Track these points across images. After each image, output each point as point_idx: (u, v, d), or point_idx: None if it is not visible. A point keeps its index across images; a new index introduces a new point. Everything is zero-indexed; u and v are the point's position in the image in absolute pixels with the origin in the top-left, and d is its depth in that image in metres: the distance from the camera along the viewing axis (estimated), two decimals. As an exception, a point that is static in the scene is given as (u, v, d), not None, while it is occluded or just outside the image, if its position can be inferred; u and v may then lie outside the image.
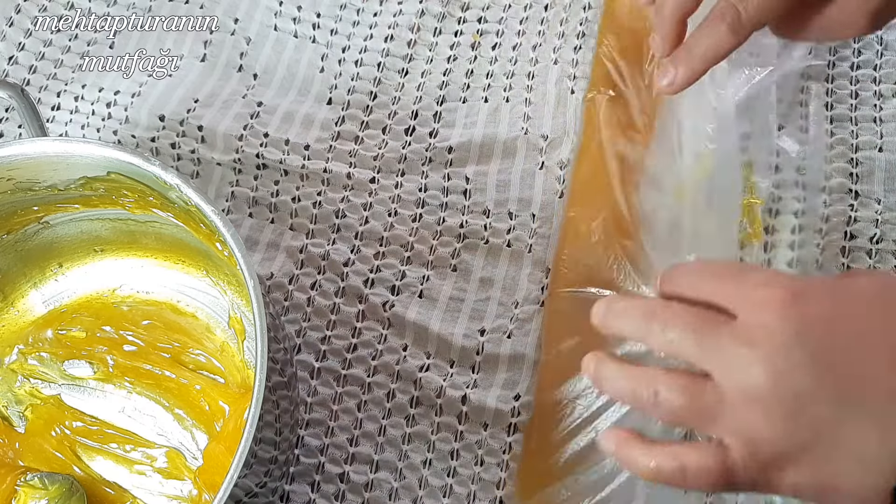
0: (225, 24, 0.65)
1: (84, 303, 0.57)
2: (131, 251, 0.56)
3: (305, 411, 0.54)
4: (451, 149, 0.60)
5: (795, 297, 0.36)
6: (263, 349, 0.41)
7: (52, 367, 0.55)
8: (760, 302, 0.36)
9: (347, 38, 0.64)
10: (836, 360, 0.35)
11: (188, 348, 0.55)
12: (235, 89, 0.63)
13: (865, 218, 0.56)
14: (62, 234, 0.55)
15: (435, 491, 0.52)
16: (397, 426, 0.54)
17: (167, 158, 0.61)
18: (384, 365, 0.55)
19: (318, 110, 0.62)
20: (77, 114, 0.64)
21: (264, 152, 0.61)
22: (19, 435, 0.55)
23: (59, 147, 0.47)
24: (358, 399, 0.55)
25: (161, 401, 0.54)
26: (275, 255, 0.58)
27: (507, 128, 0.60)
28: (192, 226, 0.50)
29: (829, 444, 0.35)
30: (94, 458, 0.54)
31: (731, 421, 0.36)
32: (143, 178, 0.47)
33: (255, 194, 0.60)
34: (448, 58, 0.63)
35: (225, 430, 0.52)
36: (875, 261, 0.55)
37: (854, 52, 0.60)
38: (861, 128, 0.58)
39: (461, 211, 0.58)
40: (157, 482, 0.53)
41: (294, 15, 0.65)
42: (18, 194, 0.50)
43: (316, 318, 0.56)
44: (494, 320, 0.55)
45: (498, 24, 0.64)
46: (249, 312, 0.42)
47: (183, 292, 0.56)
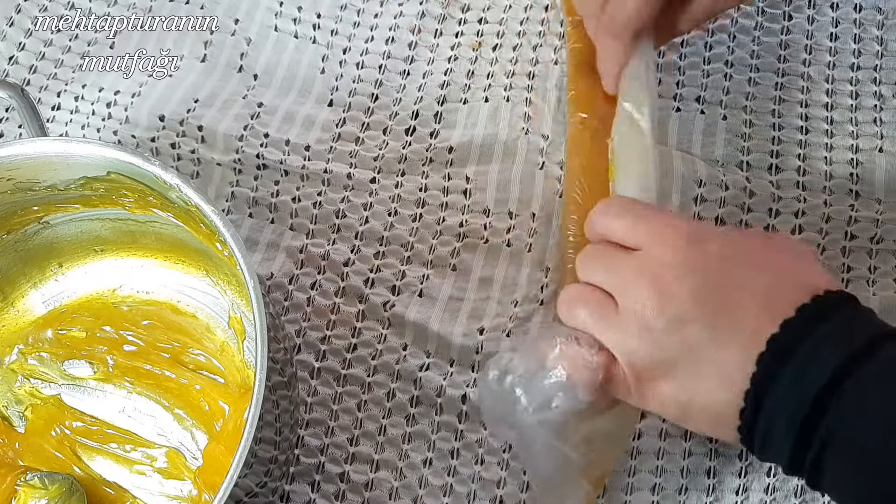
0: (225, 24, 0.65)
1: (84, 303, 0.57)
2: (131, 251, 0.56)
3: (305, 411, 0.54)
4: (451, 149, 0.60)
5: (694, 238, 0.42)
6: (263, 349, 0.41)
7: (52, 367, 0.55)
8: (664, 240, 0.42)
9: (348, 40, 0.64)
10: (717, 294, 0.41)
11: (188, 348, 0.55)
12: (236, 90, 0.63)
13: (866, 218, 0.56)
14: (62, 234, 0.55)
15: (435, 490, 0.52)
16: (397, 425, 0.54)
17: (167, 158, 0.61)
18: (384, 364, 0.55)
19: (319, 111, 0.62)
20: (77, 114, 0.64)
21: (264, 153, 0.61)
22: (19, 435, 0.55)
23: (59, 147, 0.47)
24: (358, 399, 0.55)
25: (161, 401, 0.54)
26: (275, 255, 0.58)
27: (507, 128, 0.60)
28: (192, 226, 0.50)
29: (695, 362, 0.41)
30: (94, 458, 0.54)
31: (619, 333, 0.42)
32: (143, 178, 0.47)
33: (255, 194, 0.60)
34: (449, 58, 0.63)
35: (225, 430, 0.52)
36: (875, 261, 0.55)
37: (854, 52, 0.60)
38: (861, 128, 0.58)
39: (461, 210, 0.58)
40: (157, 482, 0.53)
41: (294, 16, 0.65)
42: (18, 194, 0.50)
43: (316, 318, 0.56)
44: (494, 319, 0.55)
45: (498, 25, 0.64)
46: (249, 312, 0.42)
47: (183, 292, 0.56)
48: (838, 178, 0.57)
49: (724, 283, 0.41)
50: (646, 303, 0.41)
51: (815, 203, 0.56)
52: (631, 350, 0.42)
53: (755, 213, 0.56)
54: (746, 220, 0.56)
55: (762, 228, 0.56)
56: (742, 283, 0.41)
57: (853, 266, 0.55)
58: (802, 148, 0.58)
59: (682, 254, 0.42)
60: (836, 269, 0.55)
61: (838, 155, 0.58)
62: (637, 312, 0.41)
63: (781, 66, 0.60)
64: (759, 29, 0.61)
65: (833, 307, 0.40)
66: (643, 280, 0.42)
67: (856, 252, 0.55)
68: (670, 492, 0.51)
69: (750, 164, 0.58)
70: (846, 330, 0.39)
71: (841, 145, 0.58)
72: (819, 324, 0.39)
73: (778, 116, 0.59)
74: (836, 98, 0.59)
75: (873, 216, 0.56)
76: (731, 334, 0.40)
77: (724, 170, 0.57)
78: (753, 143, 0.58)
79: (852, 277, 0.55)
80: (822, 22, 0.61)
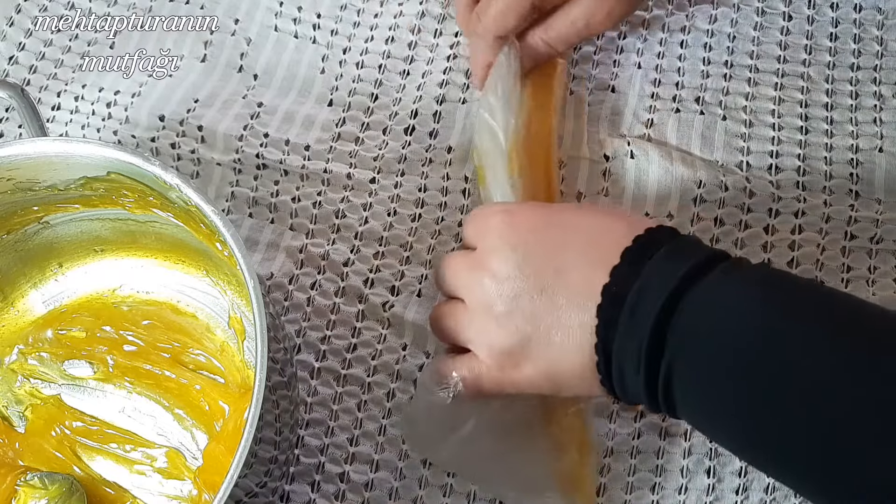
0: (225, 24, 0.65)
1: (84, 303, 0.57)
2: (131, 251, 0.56)
3: (305, 411, 0.54)
4: (450, 149, 0.60)
5: (509, 218, 0.44)
6: (263, 349, 0.41)
7: (52, 367, 0.55)
8: (485, 230, 0.45)
9: (348, 40, 0.64)
10: (540, 261, 0.42)
11: (188, 348, 0.55)
12: (236, 90, 0.63)
13: (865, 218, 0.56)
14: (62, 234, 0.55)
15: (435, 490, 0.52)
16: (397, 425, 0.54)
17: (167, 158, 0.61)
18: (384, 364, 0.55)
19: (319, 111, 0.62)
20: (77, 114, 0.64)
21: (264, 152, 0.61)
22: (19, 435, 0.55)
23: (59, 147, 0.47)
24: (358, 399, 0.55)
25: (161, 401, 0.54)
26: (275, 255, 0.58)
27: (507, 128, 0.60)
28: (192, 226, 0.50)
29: (544, 332, 0.42)
30: (94, 458, 0.54)
31: (474, 332, 0.44)
32: (143, 178, 0.47)
33: (255, 194, 0.60)
34: (448, 58, 0.63)
35: (225, 430, 0.52)
36: (875, 261, 0.55)
37: (854, 52, 0.60)
38: (861, 128, 0.58)
39: (460, 210, 0.58)
40: (157, 482, 0.53)
41: (294, 16, 0.65)
42: (18, 194, 0.50)
43: (316, 318, 0.57)
44: (494, 320, 0.55)
45: (498, 25, 0.64)
46: (249, 312, 0.42)
47: (183, 292, 0.56)
48: (838, 178, 0.57)
49: (543, 250, 0.43)
50: (483, 292, 0.43)
51: (815, 203, 0.56)
52: (486, 342, 0.44)
53: (755, 213, 0.56)
54: (746, 221, 0.56)
55: (762, 229, 0.56)
56: (561, 245, 0.43)
57: (853, 266, 0.55)
58: (802, 148, 0.58)
59: (497, 236, 0.44)
60: (836, 269, 0.55)
61: (838, 155, 0.58)
62: (480, 304, 0.43)
63: (781, 66, 0.60)
64: (758, 29, 0.61)
65: (656, 243, 0.41)
66: (475, 273, 0.44)
67: (856, 252, 0.55)
68: (670, 491, 0.51)
69: (750, 164, 0.58)
70: (670, 261, 0.40)
71: (841, 145, 0.58)
72: (644, 261, 0.40)
73: (778, 116, 0.59)
74: (836, 98, 0.59)
75: (873, 216, 0.56)
76: (565, 295, 0.41)
77: (724, 170, 0.57)
78: (753, 144, 0.58)
79: (852, 277, 0.55)
80: (822, 22, 0.61)
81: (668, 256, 0.40)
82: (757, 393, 0.37)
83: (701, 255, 0.40)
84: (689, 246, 0.41)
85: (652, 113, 0.60)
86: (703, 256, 0.40)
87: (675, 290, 0.39)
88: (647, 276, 0.40)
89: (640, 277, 0.40)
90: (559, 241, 0.43)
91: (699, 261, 0.40)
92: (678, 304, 0.39)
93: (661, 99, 0.60)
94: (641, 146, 0.58)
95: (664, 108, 0.60)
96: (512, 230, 0.44)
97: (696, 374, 0.39)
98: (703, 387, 0.39)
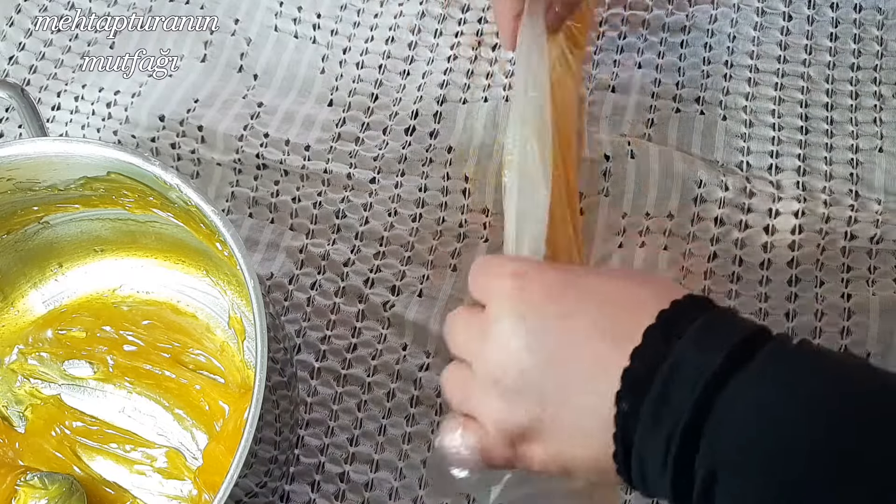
0: (225, 24, 0.65)
1: (84, 303, 0.57)
2: (131, 251, 0.56)
3: (305, 411, 0.54)
4: (450, 149, 0.60)
5: (521, 283, 0.39)
6: (263, 349, 0.41)
7: (52, 367, 0.55)
8: (496, 293, 0.39)
9: (348, 40, 0.64)
10: (552, 333, 0.37)
11: (188, 348, 0.55)
12: (236, 90, 0.63)
13: (865, 218, 0.56)
14: (62, 234, 0.55)
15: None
16: (397, 425, 0.54)
17: (167, 158, 0.61)
18: (384, 364, 0.55)
19: (319, 111, 0.62)
20: (77, 114, 0.64)
21: (264, 152, 0.61)
22: (19, 435, 0.55)
23: (59, 147, 0.47)
24: (358, 399, 0.55)
25: (161, 401, 0.54)
26: (275, 255, 0.58)
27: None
28: (192, 226, 0.50)
29: (554, 414, 0.37)
30: (94, 458, 0.54)
31: (481, 403, 0.39)
32: (143, 178, 0.47)
33: (255, 194, 0.60)
34: (448, 58, 0.63)
35: (225, 430, 0.52)
36: (875, 261, 0.55)
37: (854, 52, 0.60)
38: (861, 128, 0.58)
39: (460, 210, 0.58)
40: (157, 482, 0.53)
41: (294, 16, 0.65)
42: (18, 194, 0.50)
43: (316, 318, 0.56)
44: (494, 320, 0.55)
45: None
46: (249, 312, 0.42)
47: (183, 292, 0.56)
48: (838, 178, 0.57)
49: (556, 321, 0.37)
50: (489, 364, 0.38)
51: (815, 203, 0.56)
52: (492, 418, 0.39)
53: (755, 213, 0.56)
54: (746, 221, 0.56)
55: (762, 229, 0.56)
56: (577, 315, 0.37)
57: (853, 266, 0.55)
58: (802, 148, 0.58)
59: (507, 302, 0.38)
60: (836, 269, 0.55)
61: (838, 155, 0.58)
62: (487, 376, 0.38)
63: (781, 66, 0.60)
64: (758, 29, 0.61)
65: (685, 319, 0.35)
66: (481, 342, 0.39)
67: (856, 252, 0.55)
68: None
69: (750, 164, 0.58)
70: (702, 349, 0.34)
71: (841, 145, 0.58)
72: (671, 341, 0.34)
73: (778, 116, 0.59)
74: (835, 98, 0.59)
75: (873, 216, 0.56)
76: (578, 374, 0.36)
77: (724, 170, 0.57)
78: (753, 144, 0.58)
79: (852, 277, 0.55)
80: (822, 22, 0.61)
81: (699, 341, 0.34)
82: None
83: (737, 336, 0.34)
84: (724, 324, 0.35)
85: (652, 113, 0.60)
86: (740, 338, 0.34)
87: (708, 384, 0.33)
88: (675, 364, 0.34)
89: (667, 362, 0.34)
90: (574, 311, 0.37)
91: (734, 347, 0.34)
92: (713, 403, 0.33)
93: (662, 99, 0.60)
94: (642, 146, 0.58)
95: (664, 107, 0.60)
96: (523, 298, 0.38)
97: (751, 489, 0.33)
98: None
